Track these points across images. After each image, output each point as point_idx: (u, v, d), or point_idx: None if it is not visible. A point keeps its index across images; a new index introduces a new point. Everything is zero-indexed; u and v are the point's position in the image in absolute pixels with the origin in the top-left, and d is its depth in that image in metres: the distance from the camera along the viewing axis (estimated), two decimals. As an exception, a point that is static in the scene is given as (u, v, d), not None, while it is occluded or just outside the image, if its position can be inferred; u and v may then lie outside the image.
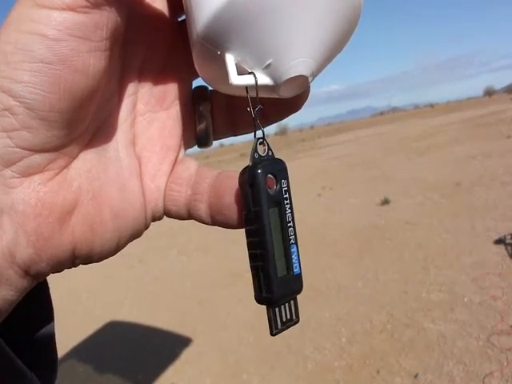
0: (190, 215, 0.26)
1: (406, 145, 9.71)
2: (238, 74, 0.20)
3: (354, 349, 2.16)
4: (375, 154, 9.29)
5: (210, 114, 0.27)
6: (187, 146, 0.27)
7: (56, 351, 0.29)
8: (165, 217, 0.26)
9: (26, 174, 0.19)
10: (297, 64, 0.20)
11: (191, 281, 3.62)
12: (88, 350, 2.78)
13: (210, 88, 0.27)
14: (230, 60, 0.20)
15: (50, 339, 0.29)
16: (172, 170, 0.26)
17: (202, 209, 0.25)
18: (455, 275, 2.65)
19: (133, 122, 0.25)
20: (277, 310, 0.22)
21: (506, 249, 2.81)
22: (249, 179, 0.22)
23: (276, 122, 0.27)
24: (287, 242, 0.22)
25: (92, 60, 0.18)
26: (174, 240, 5.11)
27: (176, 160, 0.26)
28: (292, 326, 0.23)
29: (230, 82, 0.20)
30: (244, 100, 0.22)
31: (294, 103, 0.25)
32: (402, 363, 1.96)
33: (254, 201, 0.22)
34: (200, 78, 0.25)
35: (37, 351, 0.27)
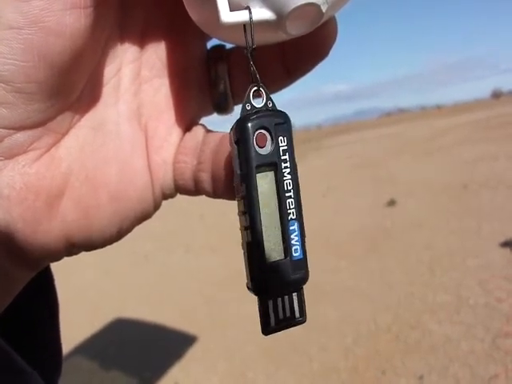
0: (196, 189, 0.22)
1: (413, 146, 9.66)
2: (232, 11, 0.17)
3: (359, 350, 2.16)
4: (382, 154, 9.25)
5: (227, 76, 0.23)
6: (204, 113, 0.25)
7: (61, 346, 0.27)
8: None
9: (10, 155, 0.17)
10: None
11: (197, 279, 3.63)
12: (93, 346, 2.80)
13: (227, 46, 0.24)
14: None
15: (55, 335, 0.27)
16: (181, 140, 0.23)
17: (206, 179, 0.21)
18: (461, 277, 2.64)
19: (137, 90, 0.22)
20: (270, 303, 0.18)
21: (513, 252, 2.81)
22: (234, 135, 0.18)
23: (302, 74, 0.23)
24: (285, 218, 0.18)
25: (68, 19, 0.16)
26: (180, 238, 5.11)
27: (186, 129, 0.23)
28: (294, 325, 0.19)
29: (221, 20, 0.16)
30: (265, 53, 0.19)
31: (319, 46, 0.21)
32: (407, 364, 1.96)
33: (239, 162, 0.18)
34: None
35: (40, 346, 0.25)
